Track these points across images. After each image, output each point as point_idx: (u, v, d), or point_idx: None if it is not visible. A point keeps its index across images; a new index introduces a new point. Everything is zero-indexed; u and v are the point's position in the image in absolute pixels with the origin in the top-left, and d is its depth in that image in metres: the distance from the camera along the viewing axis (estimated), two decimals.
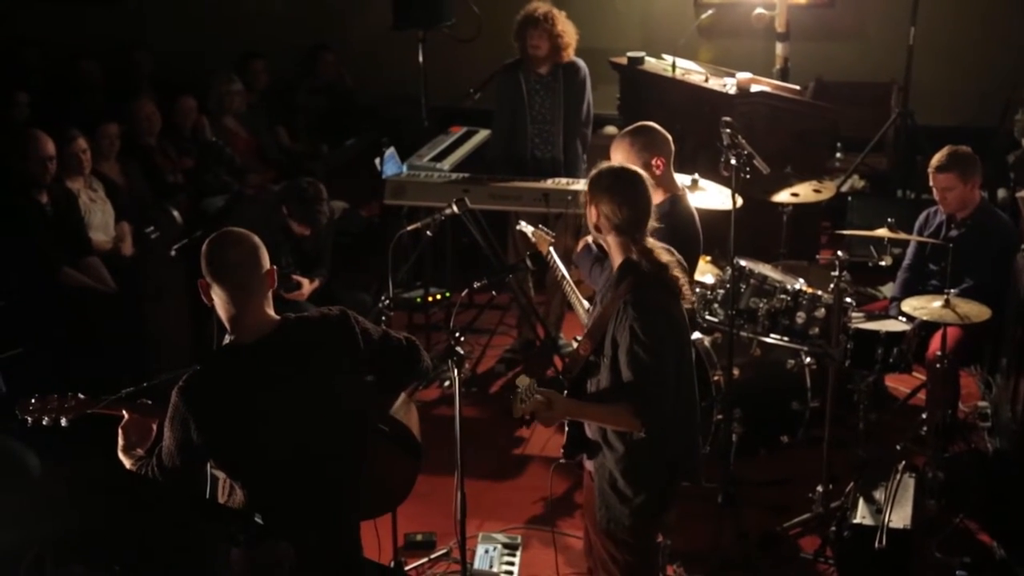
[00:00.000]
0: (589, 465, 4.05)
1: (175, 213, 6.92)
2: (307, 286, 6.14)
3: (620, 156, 4.70)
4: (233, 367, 3.28)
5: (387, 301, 5.00)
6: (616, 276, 3.86)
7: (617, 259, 3.87)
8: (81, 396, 3.73)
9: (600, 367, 3.84)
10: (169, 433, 3.26)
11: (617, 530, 3.94)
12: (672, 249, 3.94)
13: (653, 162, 4.64)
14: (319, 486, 3.37)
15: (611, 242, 3.87)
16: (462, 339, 4.07)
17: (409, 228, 5.75)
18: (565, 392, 3.89)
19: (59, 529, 4.89)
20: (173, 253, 6.62)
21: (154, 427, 3.61)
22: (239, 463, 3.29)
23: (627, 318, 3.70)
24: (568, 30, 6.59)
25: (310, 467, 3.33)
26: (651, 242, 3.86)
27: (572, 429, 4.00)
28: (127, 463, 3.53)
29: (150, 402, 3.71)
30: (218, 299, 3.31)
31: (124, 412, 3.64)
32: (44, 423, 3.70)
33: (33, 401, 3.72)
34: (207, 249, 3.31)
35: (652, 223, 3.87)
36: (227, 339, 3.37)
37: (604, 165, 3.95)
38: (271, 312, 3.34)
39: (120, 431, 3.60)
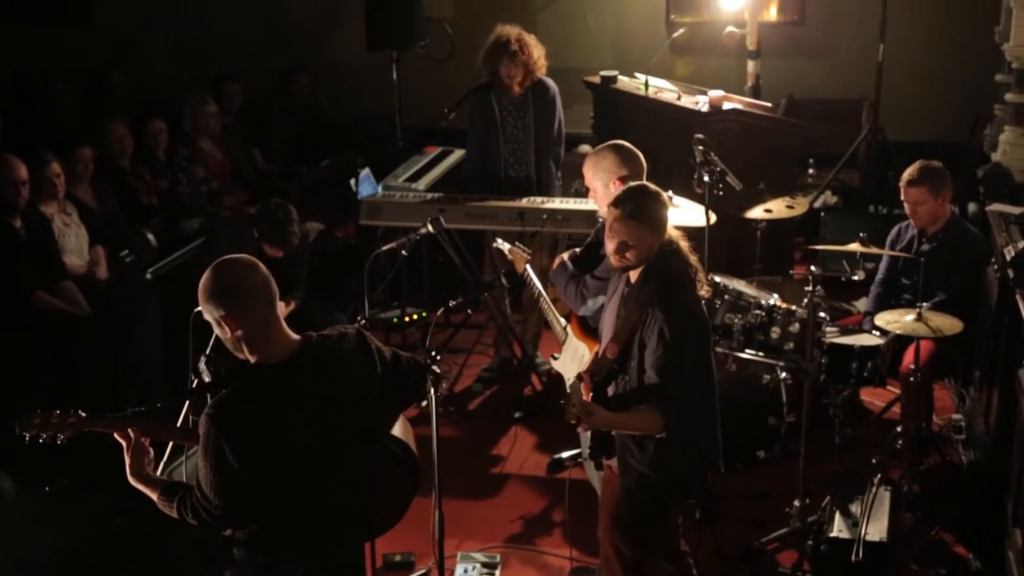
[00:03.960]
0: (612, 463, 4.15)
1: (150, 236, 6.89)
2: (282, 308, 6.12)
3: (590, 173, 4.74)
4: (264, 387, 3.22)
5: (363, 321, 5.00)
6: (639, 280, 4.00)
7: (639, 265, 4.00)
8: (82, 413, 3.61)
9: (627, 370, 3.98)
10: (204, 463, 3.17)
11: (639, 527, 4.11)
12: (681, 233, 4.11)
13: (612, 183, 4.64)
14: (337, 505, 3.36)
15: (639, 252, 3.96)
16: (439, 358, 4.08)
17: (385, 248, 5.75)
18: (590, 396, 3.99)
19: (32, 551, 4.88)
20: (149, 276, 6.60)
21: (151, 449, 3.52)
22: (269, 483, 3.23)
23: (656, 321, 3.87)
24: (540, 53, 6.63)
25: (331, 486, 3.33)
26: (672, 233, 4.04)
27: (597, 431, 4.07)
28: (151, 494, 3.41)
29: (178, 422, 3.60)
30: (247, 325, 3.22)
31: (130, 432, 3.49)
32: (42, 440, 3.56)
33: (34, 417, 3.57)
34: (225, 282, 3.22)
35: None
36: (252, 359, 3.27)
37: (637, 195, 4.00)
38: (290, 331, 3.32)
39: (129, 452, 3.48)
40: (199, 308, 3.82)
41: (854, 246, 5.68)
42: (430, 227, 5.56)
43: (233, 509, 3.24)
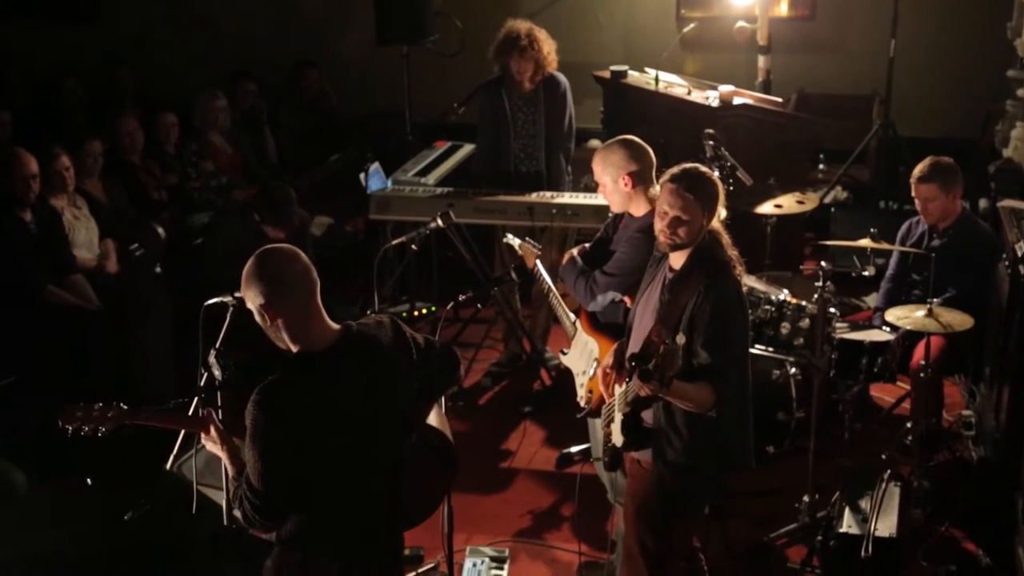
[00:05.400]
0: (640, 455, 4.11)
1: (159, 230, 6.91)
2: None
3: (599, 168, 4.73)
4: (308, 375, 3.24)
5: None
6: (688, 263, 3.97)
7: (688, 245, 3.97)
8: (123, 406, 3.63)
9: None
10: (252, 452, 3.18)
11: (668, 518, 4.08)
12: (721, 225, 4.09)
13: (622, 178, 4.65)
14: (377, 494, 3.38)
15: (691, 230, 3.94)
16: None
17: (394, 242, 5.75)
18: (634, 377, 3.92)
19: (44, 547, 4.90)
20: (158, 270, 6.61)
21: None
22: (313, 470, 3.24)
23: (708, 301, 3.86)
24: (550, 48, 6.61)
25: (372, 475, 3.34)
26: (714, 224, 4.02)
27: (631, 420, 4.05)
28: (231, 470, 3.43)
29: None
30: (288, 313, 3.24)
31: (172, 425, 3.52)
32: (83, 433, 3.57)
33: (76, 410, 3.60)
34: (267, 270, 3.23)
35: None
36: (294, 348, 3.29)
37: (694, 171, 4.00)
38: (330, 321, 3.33)
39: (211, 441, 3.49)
40: (209, 302, 3.83)
41: (864, 242, 5.67)
42: (439, 221, 5.56)
43: (277, 502, 3.24)
